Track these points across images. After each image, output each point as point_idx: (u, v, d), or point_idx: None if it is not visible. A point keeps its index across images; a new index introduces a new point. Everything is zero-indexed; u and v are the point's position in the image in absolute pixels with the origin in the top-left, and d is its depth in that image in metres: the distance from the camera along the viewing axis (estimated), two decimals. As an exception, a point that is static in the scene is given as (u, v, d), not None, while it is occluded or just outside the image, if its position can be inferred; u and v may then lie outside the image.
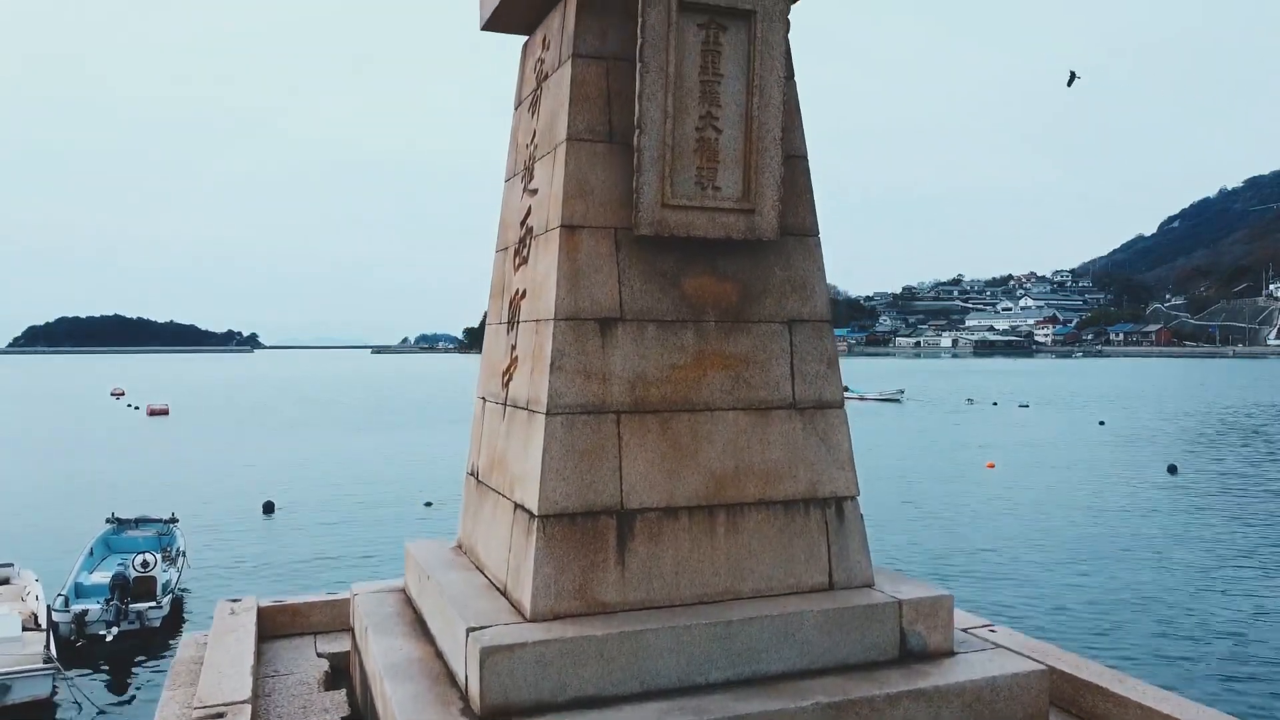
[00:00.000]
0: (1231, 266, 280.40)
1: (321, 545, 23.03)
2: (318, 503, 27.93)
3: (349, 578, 19.13)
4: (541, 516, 5.09)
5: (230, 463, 36.79)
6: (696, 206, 5.45)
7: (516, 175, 6.48)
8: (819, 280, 5.93)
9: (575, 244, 5.36)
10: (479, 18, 6.80)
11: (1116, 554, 21.23)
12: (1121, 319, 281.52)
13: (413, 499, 28.46)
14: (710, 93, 5.48)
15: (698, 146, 5.47)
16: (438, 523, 25.70)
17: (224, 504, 27.76)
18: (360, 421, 55.22)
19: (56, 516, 25.57)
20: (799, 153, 5.94)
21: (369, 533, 24.11)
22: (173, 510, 21.86)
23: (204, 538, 23.03)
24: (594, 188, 5.43)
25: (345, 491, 29.91)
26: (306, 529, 24.87)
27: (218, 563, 20.85)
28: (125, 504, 27.25)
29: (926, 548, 22.08)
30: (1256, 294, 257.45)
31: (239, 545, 22.52)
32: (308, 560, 21.45)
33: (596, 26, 5.54)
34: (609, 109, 5.52)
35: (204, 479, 32.35)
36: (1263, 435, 47.79)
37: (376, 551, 22.07)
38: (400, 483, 31.14)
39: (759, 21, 5.47)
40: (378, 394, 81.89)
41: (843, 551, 5.72)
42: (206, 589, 18.60)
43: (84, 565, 18.27)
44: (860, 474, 6.09)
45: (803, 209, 5.90)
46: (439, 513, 26.96)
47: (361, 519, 25.94)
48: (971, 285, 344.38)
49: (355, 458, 37.78)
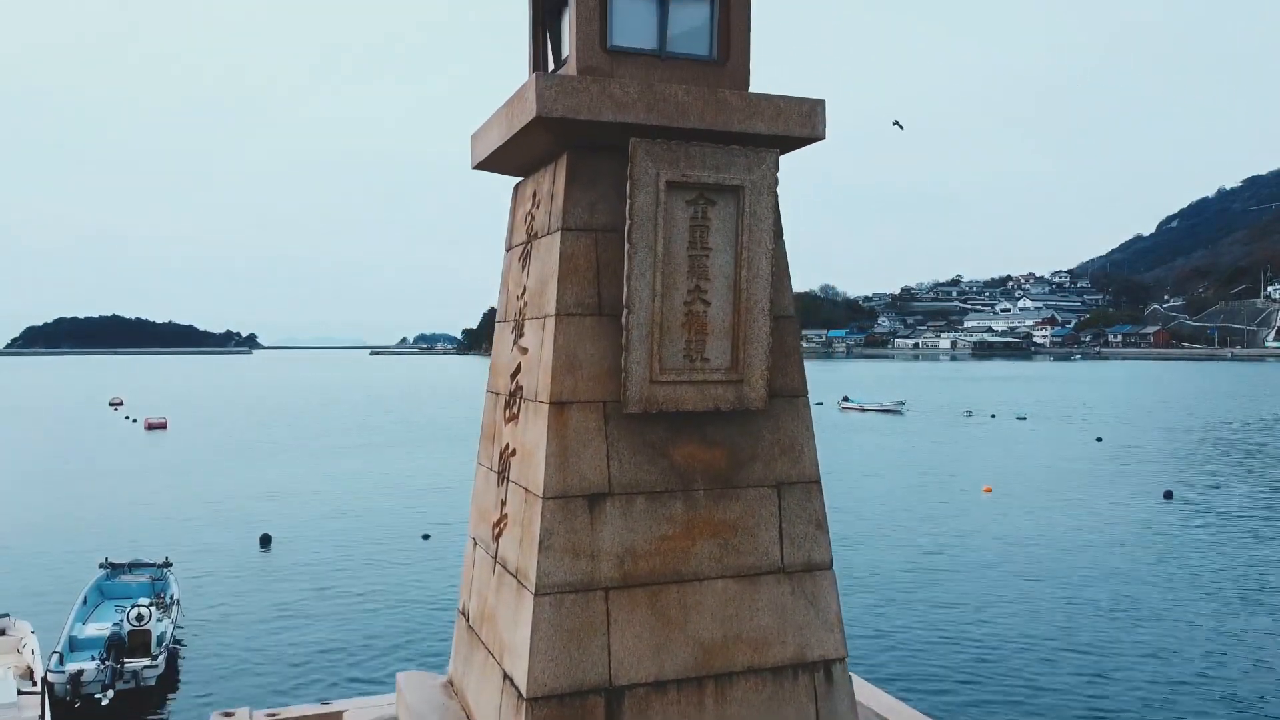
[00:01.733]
0: (1230, 268, 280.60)
1: (320, 582, 23.05)
2: (315, 535, 27.91)
3: (348, 628, 19.24)
4: (530, 699, 5.12)
5: (227, 486, 36.77)
6: (685, 380, 5.48)
7: (508, 321, 6.48)
8: (808, 440, 5.96)
9: (564, 421, 5.38)
10: (471, 156, 6.82)
11: (1115, 628, 21.24)
12: (1120, 320, 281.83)
13: (410, 529, 28.48)
14: (699, 266, 5.51)
15: (686, 320, 5.50)
16: (434, 555, 25.76)
17: (221, 535, 27.75)
18: (357, 439, 55.21)
19: (50, 556, 25.49)
20: (787, 312, 5.97)
21: (367, 572, 24.10)
22: (166, 555, 21.84)
23: (200, 575, 23.04)
24: (583, 361, 5.45)
25: (342, 522, 29.90)
26: (304, 565, 24.85)
27: (214, 605, 20.82)
28: (120, 537, 27.40)
29: (917, 603, 22.11)
30: (1255, 295, 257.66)
31: (236, 586, 22.49)
32: (305, 599, 21.46)
33: (585, 199, 5.56)
34: (598, 281, 5.55)
35: (200, 506, 32.30)
36: (1260, 455, 47.86)
37: (374, 589, 22.22)
38: (397, 512, 31.12)
39: (747, 195, 5.50)
40: (374, 408, 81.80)
41: (831, 715, 5.74)
42: (202, 641, 18.61)
43: (78, 616, 18.26)
44: (858, 499, 6.13)
45: (792, 369, 5.93)
46: (436, 545, 27.00)
47: (359, 553, 25.93)
48: (970, 286, 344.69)
49: (351, 482, 37.74)
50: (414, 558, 25.63)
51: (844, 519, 29.14)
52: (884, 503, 32.51)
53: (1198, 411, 72.20)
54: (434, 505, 32.23)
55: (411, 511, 31.25)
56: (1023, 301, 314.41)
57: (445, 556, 25.86)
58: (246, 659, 17.90)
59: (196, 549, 26.01)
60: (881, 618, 19.76)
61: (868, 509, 31.39)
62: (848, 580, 21.66)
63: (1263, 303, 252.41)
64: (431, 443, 52.00)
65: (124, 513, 31.18)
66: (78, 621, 18.03)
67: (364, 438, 55.01)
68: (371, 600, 21.39)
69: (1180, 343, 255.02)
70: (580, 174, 5.57)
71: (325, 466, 42.11)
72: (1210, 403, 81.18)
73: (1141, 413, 68.89)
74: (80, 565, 22.99)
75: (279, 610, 20.64)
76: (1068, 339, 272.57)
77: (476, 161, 6.71)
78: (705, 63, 5.88)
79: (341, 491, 35.41)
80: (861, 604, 20.48)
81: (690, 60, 5.85)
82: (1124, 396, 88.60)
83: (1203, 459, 45.14)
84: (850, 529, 28.00)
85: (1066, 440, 52.67)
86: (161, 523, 29.47)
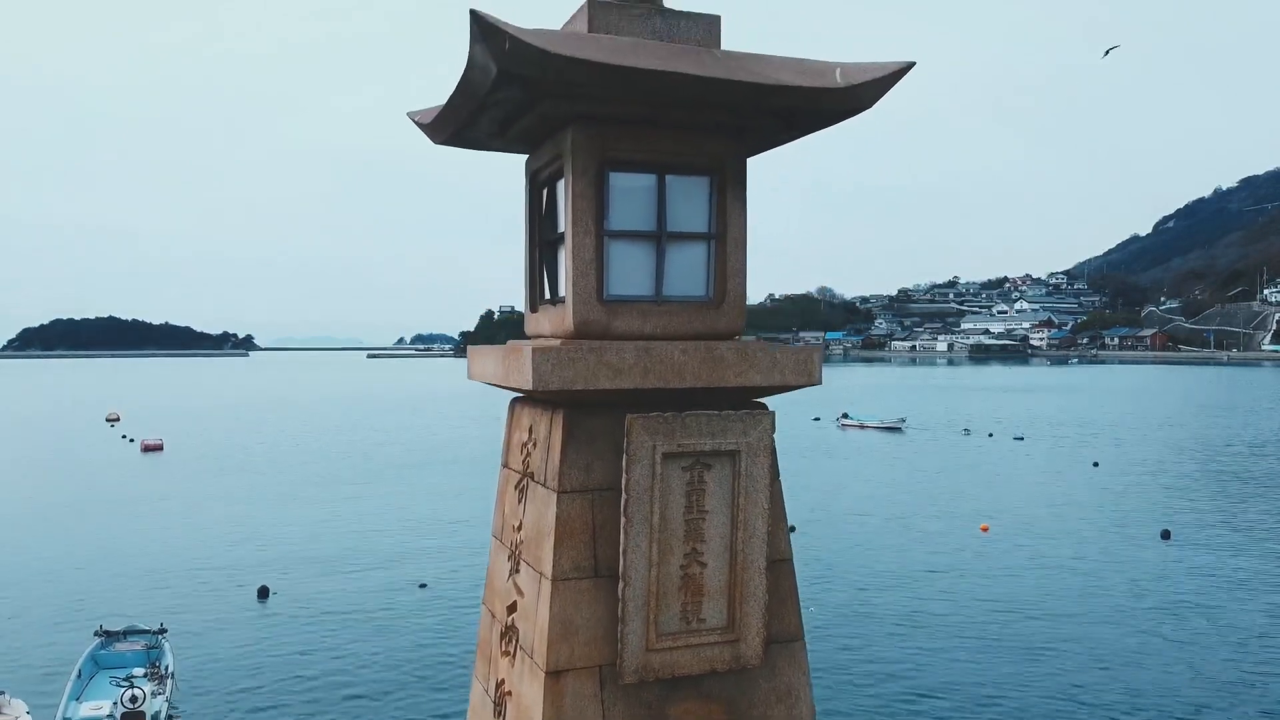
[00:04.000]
0: (1226, 270, 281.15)
1: (318, 639, 23.09)
2: (312, 586, 27.85)
3: (349, 692, 19.23)
4: None
5: (223, 526, 36.67)
6: (681, 645, 5.46)
7: (505, 554, 6.45)
8: (804, 687, 5.94)
9: (560, 690, 5.36)
10: (468, 368, 6.79)
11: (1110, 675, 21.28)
12: (1116, 323, 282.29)
13: (407, 578, 28.46)
14: (695, 529, 5.49)
15: (682, 583, 5.48)
16: (431, 606, 25.75)
17: (218, 587, 27.69)
18: (354, 469, 55.19)
19: (43, 615, 25.18)
20: (784, 556, 5.95)
21: (365, 626, 24.13)
22: (161, 620, 21.83)
23: (198, 634, 23.03)
24: (579, 627, 5.43)
25: (339, 568, 29.87)
26: (302, 619, 24.84)
27: (212, 674, 20.79)
28: (115, 590, 27.32)
29: (908, 655, 22.13)
30: (1251, 298, 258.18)
31: (234, 649, 22.43)
32: (305, 661, 21.50)
33: (581, 460, 5.54)
34: (594, 542, 5.52)
35: (196, 551, 32.21)
36: (1256, 481, 47.99)
37: (372, 639, 22.45)
38: (394, 560, 30.98)
39: (743, 458, 5.48)
40: (372, 430, 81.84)
41: None
42: (200, 717, 18.58)
43: (72, 692, 18.27)
44: (852, 533, 6.10)
45: (788, 614, 5.91)
46: (432, 594, 26.99)
47: (357, 605, 25.92)
48: (967, 288, 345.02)
49: (348, 521, 37.56)
50: (413, 609, 25.61)
51: (839, 570, 29.19)
52: (879, 550, 32.62)
53: (1195, 428, 72.31)
54: (429, 552, 32.05)
55: (408, 557, 31.14)
56: (1019, 303, 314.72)
57: (441, 602, 25.91)
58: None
59: (193, 604, 25.99)
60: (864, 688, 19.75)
61: (864, 558, 31.46)
62: (835, 644, 21.72)
63: (1259, 306, 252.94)
64: (426, 468, 51.99)
65: (118, 563, 30.88)
66: (72, 700, 18.03)
67: (361, 466, 54.96)
68: (371, 665, 21.37)
69: (1177, 345, 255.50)
70: (576, 433, 5.55)
71: (322, 502, 41.99)
72: (1208, 419, 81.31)
73: (1137, 434, 68.80)
74: (73, 630, 22.95)
75: (278, 677, 20.62)
76: (1064, 341, 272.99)
77: (471, 376, 6.69)
78: (701, 304, 5.86)
79: (339, 532, 35.34)
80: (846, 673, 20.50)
81: (686, 302, 5.83)
82: (1120, 412, 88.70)
83: (1201, 491, 45.18)
84: (843, 583, 28.05)
85: (1064, 466, 52.71)
86: (157, 575, 29.24)
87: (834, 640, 22.47)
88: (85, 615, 24.40)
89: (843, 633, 23.23)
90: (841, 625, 23.88)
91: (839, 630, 23.35)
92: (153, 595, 26.84)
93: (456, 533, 34.71)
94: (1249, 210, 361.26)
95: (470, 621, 22.24)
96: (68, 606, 25.85)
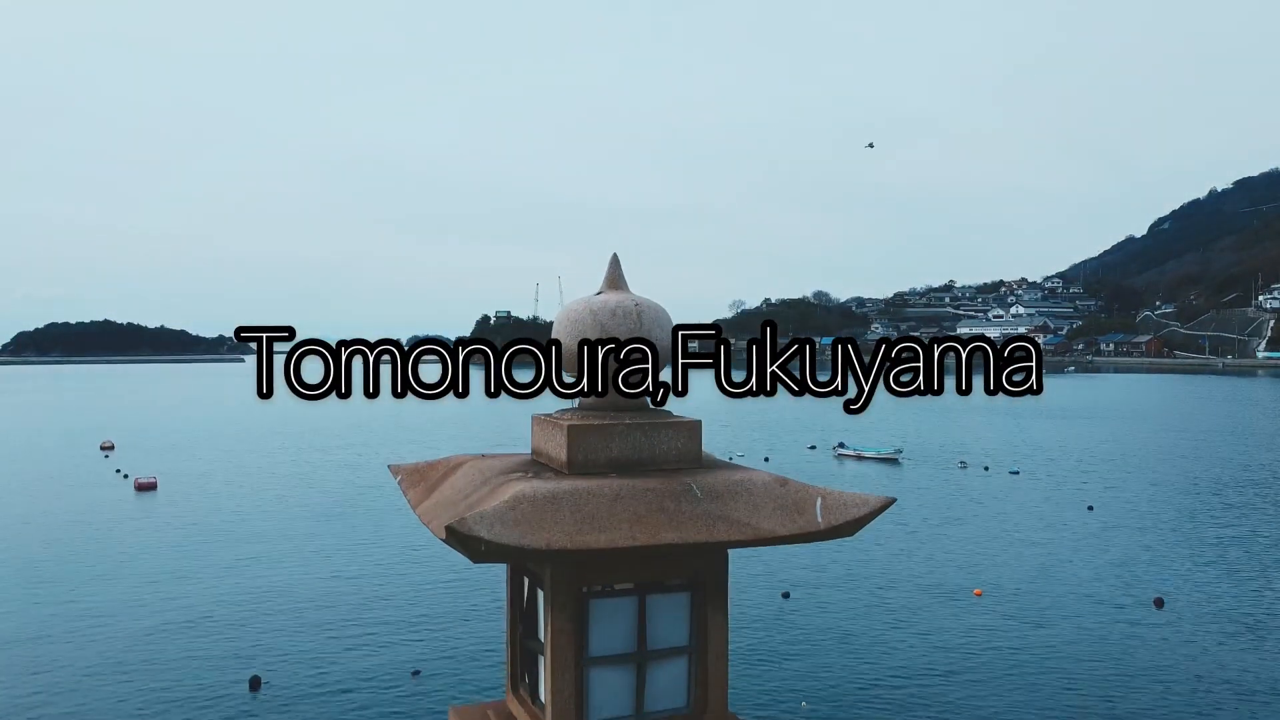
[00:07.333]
0: (1221, 275, 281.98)
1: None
2: (305, 674, 27.56)
3: None
4: None
5: (215, 594, 36.01)
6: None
7: None
8: None
9: None
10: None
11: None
12: (1112, 328, 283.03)
13: (400, 665, 28.25)
14: None
15: None
16: (421, 705, 25.61)
17: (207, 676, 27.38)
18: (348, 521, 54.94)
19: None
20: None
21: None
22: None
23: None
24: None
25: (332, 651, 29.49)
26: (294, 714, 24.71)
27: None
28: (101, 675, 26.99)
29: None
30: (1246, 304, 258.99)
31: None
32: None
33: None
34: None
35: (186, 629, 31.76)
36: (1257, 515, 48.05)
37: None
38: (386, 645, 30.29)
39: None
40: (368, 468, 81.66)
41: None
42: None
43: None
44: (843, 602, 5.98)
45: None
46: (425, 685, 26.83)
47: (348, 698, 25.77)
48: (963, 292, 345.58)
49: (341, 596, 35.97)
50: (406, 704, 25.46)
51: (827, 648, 28.99)
52: (871, 625, 32.54)
53: (1190, 461, 72.32)
54: (423, 639, 31.36)
55: (400, 642, 30.47)
56: (1015, 308, 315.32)
57: (435, 697, 25.76)
58: None
59: (181, 697, 25.74)
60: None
61: (858, 629, 31.38)
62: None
63: (1254, 312, 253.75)
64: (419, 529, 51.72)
65: (106, 650, 30.05)
66: None
67: (355, 515, 54.61)
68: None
69: (1172, 351, 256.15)
70: None
71: (314, 566, 41.04)
72: (1206, 448, 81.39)
73: (1132, 474, 67.64)
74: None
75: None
76: (1060, 347, 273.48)
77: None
78: (682, 716, 5.75)
79: (332, 604, 34.73)
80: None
81: (666, 714, 5.72)
82: (1116, 440, 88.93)
83: (1199, 541, 45.18)
84: (836, 658, 27.94)
85: (1058, 509, 52.64)
86: (146, 664, 28.44)
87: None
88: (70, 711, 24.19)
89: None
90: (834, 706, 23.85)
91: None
92: (135, 680, 26.53)
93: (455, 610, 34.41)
94: (1244, 212, 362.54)
95: None
96: (52, 694, 25.59)
